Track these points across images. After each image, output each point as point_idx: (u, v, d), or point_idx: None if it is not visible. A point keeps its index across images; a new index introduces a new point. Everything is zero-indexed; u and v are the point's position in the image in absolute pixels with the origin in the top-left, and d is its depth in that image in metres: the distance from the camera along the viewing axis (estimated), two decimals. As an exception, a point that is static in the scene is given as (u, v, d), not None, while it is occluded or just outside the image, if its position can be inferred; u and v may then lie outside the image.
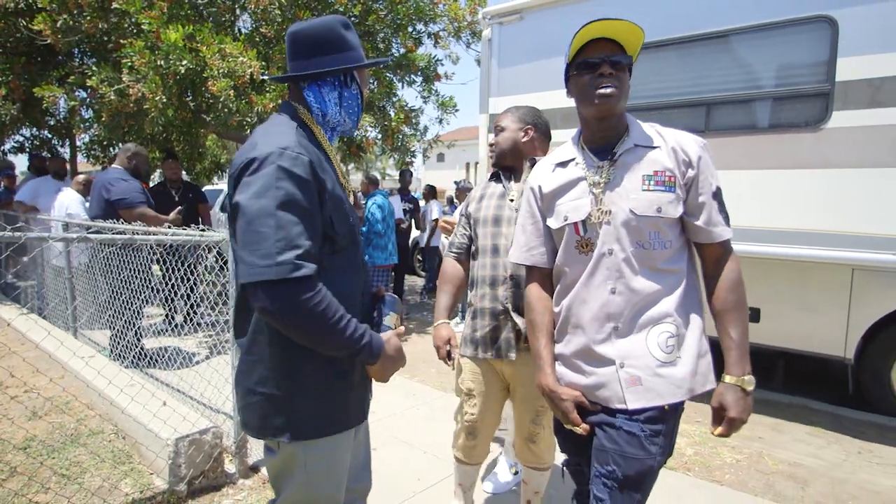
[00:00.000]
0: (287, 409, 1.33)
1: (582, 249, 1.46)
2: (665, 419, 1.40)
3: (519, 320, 1.96)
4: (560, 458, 1.74)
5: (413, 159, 7.30)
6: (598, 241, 1.42)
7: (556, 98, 4.36)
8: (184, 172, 7.78)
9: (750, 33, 3.57)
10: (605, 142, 1.47)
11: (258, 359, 1.33)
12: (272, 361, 1.32)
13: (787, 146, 3.47)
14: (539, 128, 2.14)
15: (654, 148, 1.43)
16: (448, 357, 2.06)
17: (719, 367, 1.41)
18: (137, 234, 2.95)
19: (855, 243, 3.28)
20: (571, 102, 1.53)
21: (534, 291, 1.60)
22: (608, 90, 1.37)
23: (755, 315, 3.79)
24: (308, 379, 1.33)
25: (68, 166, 9.80)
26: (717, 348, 1.42)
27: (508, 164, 2.14)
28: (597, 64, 1.39)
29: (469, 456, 2.19)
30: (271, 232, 1.17)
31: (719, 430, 1.38)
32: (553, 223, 1.52)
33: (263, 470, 2.85)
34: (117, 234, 2.81)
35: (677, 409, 1.42)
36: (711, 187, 1.41)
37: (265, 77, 4.86)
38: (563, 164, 1.53)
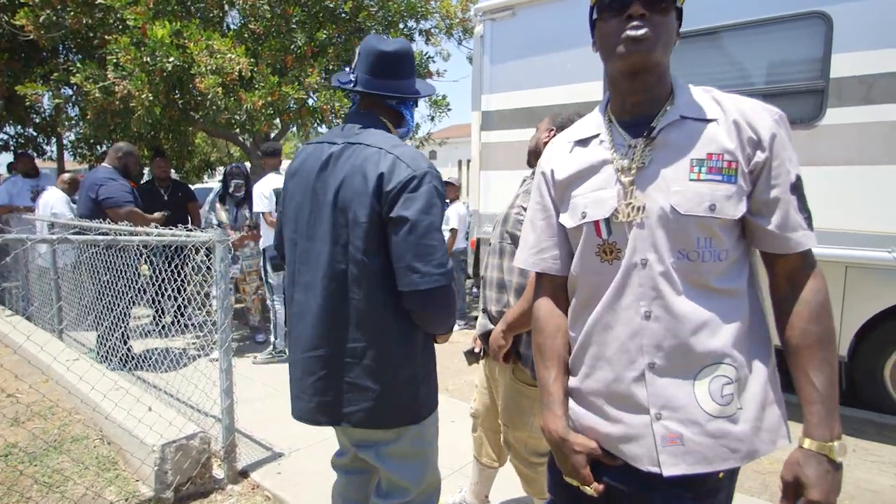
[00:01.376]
0: (415, 395, 1.53)
1: (605, 257, 1.11)
2: (718, 491, 1.08)
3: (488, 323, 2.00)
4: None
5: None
6: (628, 247, 1.07)
7: (549, 95, 4.32)
8: (173, 171, 7.68)
9: (745, 29, 3.54)
10: (641, 112, 1.10)
11: (380, 359, 1.47)
12: (398, 358, 1.49)
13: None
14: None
15: (710, 122, 1.06)
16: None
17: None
18: (121, 234, 2.88)
19: (848, 241, 3.27)
20: (566, 99, 1.40)
21: (544, 307, 1.25)
22: (639, 32, 1.01)
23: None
24: (422, 366, 1.56)
25: (56, 165, 9.68)
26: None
27: (533, 166, 2.12)
28: (627, 3, 1.04)
29: (477, 451, 2.31)
30: (439, 245, 1.41)
31: None
32: (567, 220, 1.17)
33: (253, 475, 2.80)
34: (101, 234, 2.74)
35: (734, 472, 1.11)
36: (790, 177, 1.04)
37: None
38: (583, 143, 1.18)
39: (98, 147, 8.06)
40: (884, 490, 2.80)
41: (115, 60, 4.69)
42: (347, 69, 1.61)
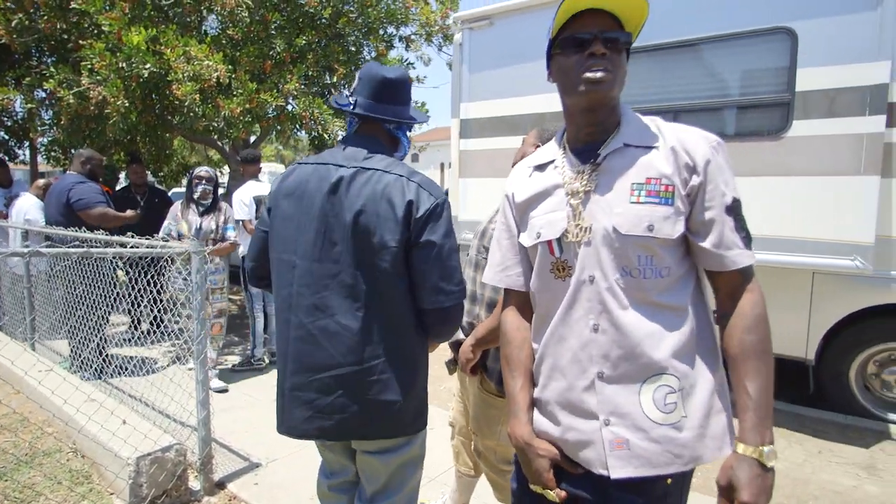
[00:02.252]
0: (425, 401, 1.66)
1: (558, 274, 1.19)
2: (668, 496, 1.14)
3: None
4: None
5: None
6: (577, 264, 1.16)
7: (526, 104, 4.38)
8: (150, 175, 7.58)
9: (716, 43, 3.64)
10: (591, 140, 1.19)
11: (402, 371, 1.55)
12: (415, 369, 1.60)
13: (751, 154, 3.54)
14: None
15: (650, 149, 1.14)
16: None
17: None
18: (96, 244, 2.86)
19: (815, 249, 3.37)
20: (542, 109, 1.42)
21: (510, 320, 1.34)
22: (598, 74, 1.10)
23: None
24: (426, 374, 1.68)
25: (29, 168, 9.46)
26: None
27: None
28: (587, 41, 1.11)
29: (456, 459, 2.35)
30: (458, 266, 1.55)
31: None
32: (525, 240, 1.26)
33: (230, 486, 2.79)
34: (74, 245, 2.71)
35: (683, 479, 1.17)
36: (724, 199, 1.11)
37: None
38: (540, 168, 1.27)
39: (72, 151, 7.93)
40: (846, 490, 2.90)
41: (89, 66, 4.63)
42: (345, 92, 1.66)
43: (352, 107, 1.59)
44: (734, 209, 1.13)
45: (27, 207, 5.22)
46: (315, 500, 1.95)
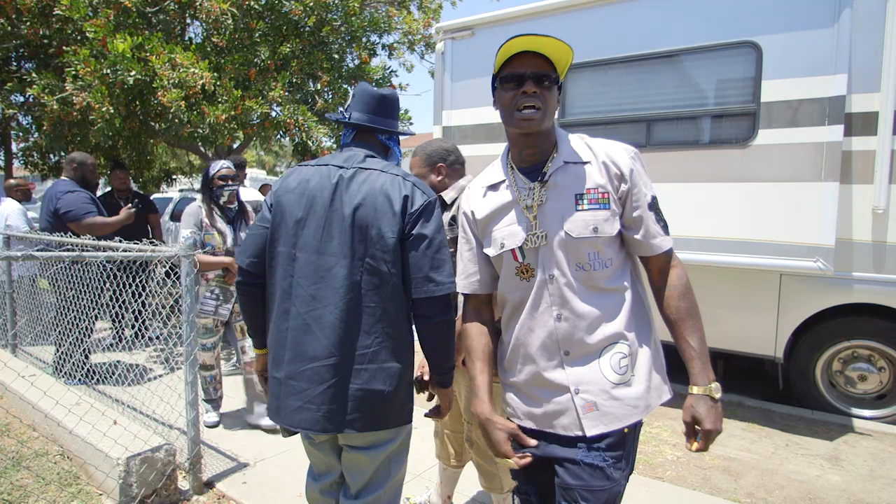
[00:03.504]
0: (411, 394, 1.71)
1: (522, 276, 1.41)
2: (625, 442, 1.37)
3: None
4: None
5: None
6: (538, 266, 1.37)
7: (507, 112, 4.51)
8: (131, 180, 7.55)
9: (686, 55, 3.81)
10: (534, 161, 1.41)
11: (390, 361, 1.62)
12: (403, 360, 1.65)
13: (719, 161, 3.72)
14: (449, 160, 2.20)
15: (585, 163, 1.37)
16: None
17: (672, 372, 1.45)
18: (87, 249, 2.89)
19: (780, 251, 3.54)
20: None
21: (469, 316, 1.56)
22: (529, 112, 1.31)
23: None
24: (412, 367, 1.73)
25: (2, 173, 9.33)
26: (671, 352, 1.45)
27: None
28: (521, 78, 1.31)
29: (440, 452, 2.44)
30: (449, 259, 1.62)
31: (696, 445, 1.32)
32: (491, 251, 1.46)
33: (218, 485, 2.84)
34: (66, 250, 2.75)
35: (636, 428, 1.39)
36: (646, 199, 1.37)
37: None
38: (493, 188, 1.48)
39: (51, 156, 7.86)
40: (810, 480, 3.05)
41: (73, 72, 4.65)
42: (341, 109, 1.81)
43: (348, 117, 1.74)
44: (654, 205, 1.38)
45: (8, 213, 5.20)
46: (303, 498, 1.99)
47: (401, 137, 1.89)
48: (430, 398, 1.91)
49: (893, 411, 3.81)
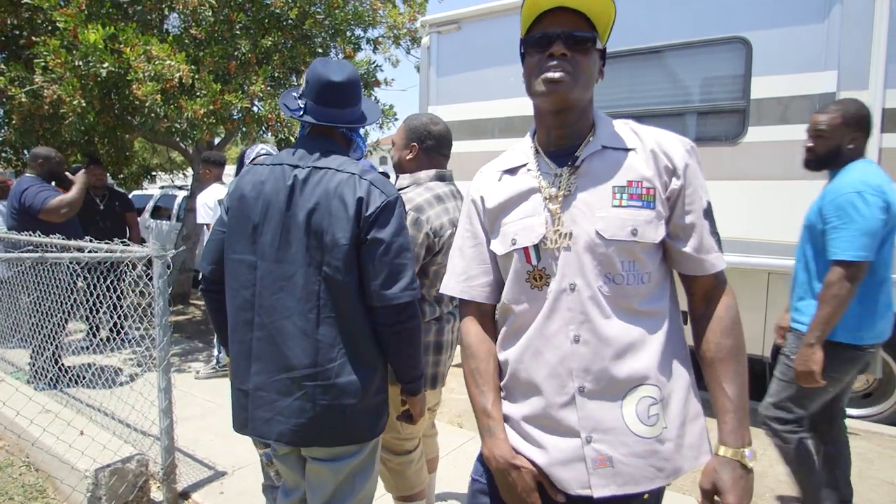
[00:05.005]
0: (379, 408, 1.60)
1: (535, 283, 1.12)
2: None
3: None
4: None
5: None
6: (556, 272, 1.09)
7: (494, 108, 4.42)
8: (109, 177, 7.35)
9: (676, 51, 3.75)
10: (565, 143, 1.14)
11: (355, 375, 1.51)
12: (369, 373, 1.55)
13: (709, 158, 3.66)
14: (426, 144, 2.02)
15: (629, 151, 1.11)
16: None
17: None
18: (51, 249, 2.76)
19: (770, 250, 3.50)
20: (510, 112, 1.37)
21: (473, 332, 1.24)
22: (555, 74, 1.05)
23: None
24: (382, 379, 1.62)
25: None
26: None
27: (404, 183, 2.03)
28: (549, 39, 1.06)
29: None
30: (409, 263, 1.52)
31: None
32: (498, 248, 1.18)
33: (194, 496, 2.73)
34: (28, 251, 2.61)
35: (658, 496, 1.14)
36: (702, 203, 1.10)
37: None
38: (511, 171, 1.19)
39: (25, 152, 7.62)
40: (801, 482, 3.01)
41: (43, 63, 4.47)
42: (294, 94, 1.62)
43: (301, 112, 1.58)
44: (710, 213, 1.12)
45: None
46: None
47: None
48: (403, 403, 1.78)
49: (880, 410, 3.80)
